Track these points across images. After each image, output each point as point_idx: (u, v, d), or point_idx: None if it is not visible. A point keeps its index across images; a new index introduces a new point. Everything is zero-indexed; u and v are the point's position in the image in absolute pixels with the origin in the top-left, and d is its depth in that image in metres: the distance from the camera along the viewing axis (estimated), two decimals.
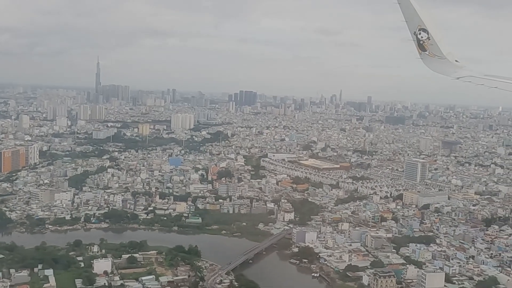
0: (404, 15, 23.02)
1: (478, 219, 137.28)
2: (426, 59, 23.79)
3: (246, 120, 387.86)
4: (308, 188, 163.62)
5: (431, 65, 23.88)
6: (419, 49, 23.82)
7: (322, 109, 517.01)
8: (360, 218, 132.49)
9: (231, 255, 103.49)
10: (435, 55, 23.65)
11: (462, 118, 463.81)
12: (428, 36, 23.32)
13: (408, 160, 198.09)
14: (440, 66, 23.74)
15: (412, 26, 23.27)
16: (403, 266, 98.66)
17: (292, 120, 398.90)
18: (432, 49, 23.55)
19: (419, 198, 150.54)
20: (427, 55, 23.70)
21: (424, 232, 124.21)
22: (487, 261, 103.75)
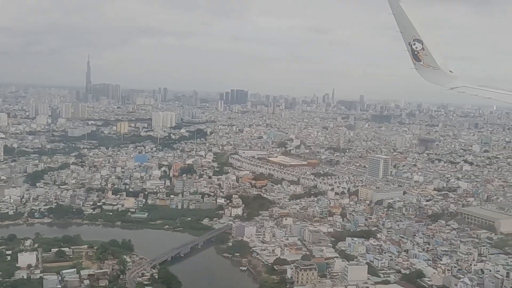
0: (399, 26, 23.30)
1: (427, 214, 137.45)
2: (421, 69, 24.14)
3: (231, 119, 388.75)
4: (267, 184, 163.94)
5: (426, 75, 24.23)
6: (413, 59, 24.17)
7: (312, 108, 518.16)
8: (308, 213, 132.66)
9: (165, 249, 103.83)
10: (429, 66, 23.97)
11: (451, 116, 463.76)
12: (423, 47, 23.61)
13: (371, 157, 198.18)
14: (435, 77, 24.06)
15: (406, 36, 23.55)
16: (332, 260, 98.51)
17: (277, 119, 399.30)
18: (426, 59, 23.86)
19: (373, 193, 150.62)
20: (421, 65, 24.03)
21: (369, 226, 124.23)
22: (419, 254, 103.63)
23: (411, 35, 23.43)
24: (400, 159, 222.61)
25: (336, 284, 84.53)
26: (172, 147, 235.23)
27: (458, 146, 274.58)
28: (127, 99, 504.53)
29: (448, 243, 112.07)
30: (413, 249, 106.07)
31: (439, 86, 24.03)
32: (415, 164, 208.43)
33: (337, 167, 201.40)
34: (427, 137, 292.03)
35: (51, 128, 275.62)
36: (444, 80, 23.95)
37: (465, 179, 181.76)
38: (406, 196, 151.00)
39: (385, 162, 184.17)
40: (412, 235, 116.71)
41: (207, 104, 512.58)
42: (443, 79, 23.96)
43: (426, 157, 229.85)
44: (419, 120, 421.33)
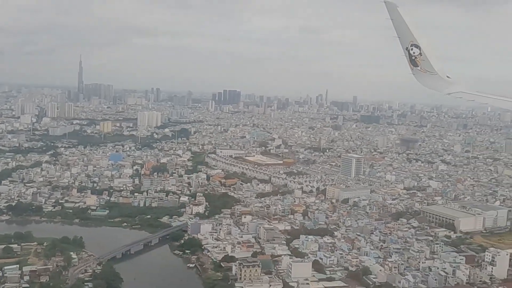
0: (397, 31, 23.38)
1: (390, 212, 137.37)
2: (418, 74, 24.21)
3: (220, 119, 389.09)
4: (236, 182, 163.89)
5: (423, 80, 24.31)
6: (411, 64, 24.24)
7: (305, 108, 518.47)
8: (270, 211, 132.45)
9: (117, 246, 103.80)
10: (426, 71, 24.03)
11: (442, 118, 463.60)
12: (420, 52, 23.69)
13: (344, 156, 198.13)
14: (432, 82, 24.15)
15: (404, 41, 23.64)
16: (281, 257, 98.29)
17: (266, 119, 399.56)
18: (424, 65, 23.95)
19: (340, 192, 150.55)
20: (419, 70, 24.10)
21: (328, 225, 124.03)
22: (371, 252, 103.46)
23: (408, 40, 23.57)
24: (378, 159, 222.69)
25: (274, 280, 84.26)
26: (151, 146, 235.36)
27: (441, 146, 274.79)
28: (119, 99, 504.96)
29: (403, 241, 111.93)
30: (365, 247, 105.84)
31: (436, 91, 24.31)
32: (391, 164, 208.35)
33: (312, 166, 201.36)
34: (409, 137, 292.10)
35: (34, 127, 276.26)
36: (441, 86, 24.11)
37: (437, 178, 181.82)
38: (373, 195, 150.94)
39: (358, 162, 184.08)
40: (369, 233, 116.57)
41: (199, 105, 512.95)
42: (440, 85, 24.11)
43: (405, 157, 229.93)
44: (410, 121, 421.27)
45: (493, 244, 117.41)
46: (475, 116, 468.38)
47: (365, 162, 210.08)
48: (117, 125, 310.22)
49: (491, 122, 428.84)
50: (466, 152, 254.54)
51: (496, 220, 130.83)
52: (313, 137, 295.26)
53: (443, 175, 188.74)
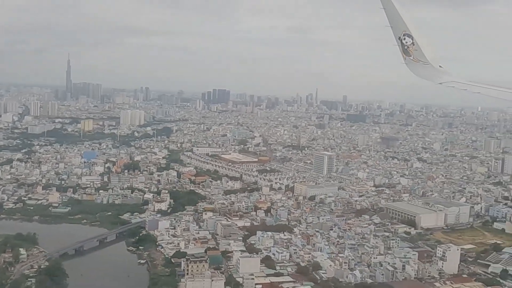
0: (389, 20, 23.16)
1: (355, 209, 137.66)
2: (411, 64, 24.02)
3: (206, 117, 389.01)
4: (206, 180, 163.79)
5: (415, 70, 24.08)
6: (403, 54, 24.03)
7: (294, 107, 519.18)
8: (233, 208, 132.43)
9: (71, 242, 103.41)
10: (419, 60, 23.83)
11: (430, 116, 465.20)
12: (413, 42, 23.48)
13: (316, 153, 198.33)
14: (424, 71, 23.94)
15: (397, 31, 23.41)
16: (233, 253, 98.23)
17: (253, 118, 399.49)
18: (416, 54, 23.74)
19: (307, 189, 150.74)
20: (411, 60, 23.91)
21: (290, 221, 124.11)
22: (325, 248, 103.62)
23: (401, 30, 23.34)
24: (355, 156, 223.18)
25: (216, 275, 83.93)
26: (129, 145, 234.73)
27: (421, 144, 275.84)
28: (108, 98, 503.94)
29: (360, 237, 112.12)
30: (320, 243, 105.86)
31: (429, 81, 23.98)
32: (366, 162, 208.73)
33: (287, 164, 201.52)
34: (390, 136, 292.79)
35: (15, 125, 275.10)
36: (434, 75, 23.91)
37: (410, 176, 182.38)
38: (340, 192, 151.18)
39: (330, 159, 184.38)
40: (328, 229, 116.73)
41: (188, 104, 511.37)
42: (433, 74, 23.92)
43: (382, 155, 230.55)
44: (397, 120, 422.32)
45: (451, 240, 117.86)
46: (463, 115, 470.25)
47: (340, 160, 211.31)
48: (99, 123, 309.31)
49: (478, 121, 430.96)
50: (445, 150, 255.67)
51: (458, 216, 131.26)
52: (295, 135, 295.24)
53: (416, 173, 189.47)
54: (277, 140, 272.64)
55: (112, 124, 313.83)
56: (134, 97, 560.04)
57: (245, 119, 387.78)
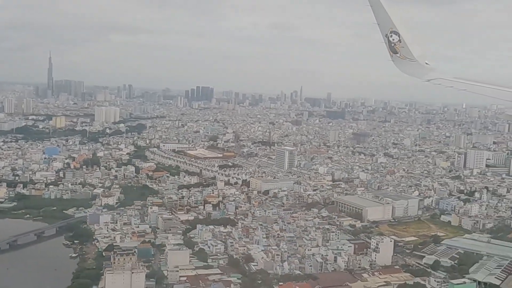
0: (376, 17, 23.13)
1: (306, 202, 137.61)
2: (397, 61, 23.95)
3: (184, 115, 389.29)
4: (163, 175, 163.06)
5: (402, 67, 23.99)
6: (390, 51, 23.99)
7: (277, 105, 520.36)
8: (182, 202, 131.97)
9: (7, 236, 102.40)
10: (406, 58, 23.75)
11: (412, 113, 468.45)
12: (400, 39, 23.39)
13: (278, 148, 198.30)
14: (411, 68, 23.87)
15: (383, 28, 23.39)
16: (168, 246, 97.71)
17: (233, 115, 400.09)
18: (403, 51, 23.68)
19: (262, 184, 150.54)
20: (398, 57, 23.85)
21: (237, 214, 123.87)
22: (262, 241, 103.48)
23: (388, 27, 23.28)
24: (322, 152, 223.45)
25: (136, 267, 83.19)
26: (97, 141, 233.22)
27: (394, 140, 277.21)
28: (90, 96, 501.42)
29: (302, 230, 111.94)
30: (259, 236, 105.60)
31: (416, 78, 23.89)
32: (331, 157, 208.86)
33: (251, 159, 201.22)
34: (362, 131, 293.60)
35: None
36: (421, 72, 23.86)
37: (372, 170, 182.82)
38: (295, 186, 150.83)
39: (291, 154, 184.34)
40: (272, 222, 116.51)
41: (171, 101, 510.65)
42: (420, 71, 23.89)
43: (350, 150, 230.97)
44: (377, 117, 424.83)
45: (395, 233, 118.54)
46: (445, 112, 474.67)
47: (306, 155, 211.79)
48: (73, 120, 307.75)
49: (458, 117, 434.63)
50: (416, 146, 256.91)
51: (407, 209, 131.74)
52: (269, 131, 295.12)
53: (379, 167, 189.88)
54: (249, 136, 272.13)
55: (86, 121, 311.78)
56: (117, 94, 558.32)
57: (224, 116, 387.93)
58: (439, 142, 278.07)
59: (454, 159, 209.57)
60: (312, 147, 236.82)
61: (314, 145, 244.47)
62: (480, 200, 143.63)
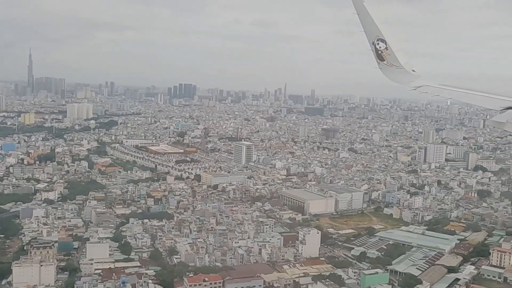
0: (363, 25, 23.27)
1: (253, 196, 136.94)
2: (384, 68, 24.17)
3: (161, 111, 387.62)
4: (116, 170, 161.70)
5: (389, 74, 24.24)
6: (377, 58, 24.18)
7: (259, 102, 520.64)
8: (125, 197, 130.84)
9: None
10: (393, 65, 23.97)
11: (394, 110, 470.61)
12: (386, 46, 23.60)
13: (236, 143, 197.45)
14: (398, 76, 24.04)
15: (370, 36, 23.58)
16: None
17: (210, 112, 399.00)
18: (390, 59, 23.88)
19: (212, 178, 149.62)
20: (385, 64, 24.04)
21: (178, 208, 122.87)
22: (192, 234, 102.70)
23: (375, 35, 23.54)
24: (286, 147, 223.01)
25: (46, 260, 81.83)
26: (62, 137, 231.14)
27: (364, 135, 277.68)
28: (71, 93, 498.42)
29: (238, 223, 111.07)
30: (188, 229, 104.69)
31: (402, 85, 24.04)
32: (293, 152, 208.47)
33: (212, 155, 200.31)
34: (331, 127, 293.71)
35: None
36: (407, 80, 23.98)
37: (331, 165, 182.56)
38: (246, 181, 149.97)
39: (248, 149, 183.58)
40: (210, 216, 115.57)
41: (152, 98, 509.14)
42: (406, 79, 24.02)
43: (316, 146, 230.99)
44: (357, 113, 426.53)
45: (334, 225, 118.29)
46: (427, 109, 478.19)
47: (270, 150, 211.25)
48: (44, 117, 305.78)
49: (438, 114, 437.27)
50: (385, 141, 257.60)
51: (351, 202, 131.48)
52: (237, 128, 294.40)
53: (338, 162, 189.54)
54: (218, 132, 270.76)
55: (58, 118, 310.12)
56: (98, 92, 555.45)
57: (201, 113, 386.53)
58: (410, 137, 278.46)
59: (415, 153, 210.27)
60: (279, 142, 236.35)
61: (282, 141, 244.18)
62: (428, 194, 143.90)
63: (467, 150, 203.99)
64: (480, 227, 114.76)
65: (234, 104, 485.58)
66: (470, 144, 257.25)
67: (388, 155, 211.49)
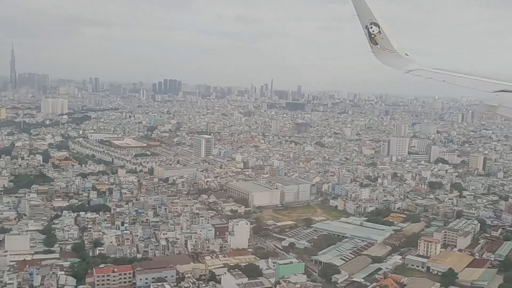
0: (356, 9, 23.13)
1: (202, 188, 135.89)
2: (377, 52, 24.08)
3: (141, 107, 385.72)
4: (70, 164, 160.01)
5: (382, 58, 24.10)
6: (370, 42, 24.10)
7: (244, 97, 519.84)
8: (70, 189, 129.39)
9: None
10: (386, 49, 23.93)
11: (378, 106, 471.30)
12: (379, 30, 23.49)
13: (196, 137, 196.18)
14: (391, 60, 23.97)
15: (363, 20, 23.41)
16: None
17: (190, 107, 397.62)
18: (383, 42, 23.81)
19: (164, 171, 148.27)
20: (378, 48, 23.96)
21: (120, 201, 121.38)
22: (124, 225, 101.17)
23: (368, 19, 23.28)
24: (254, 141, 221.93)
25: None
26: (28, 132, 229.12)
27: (337, 130, 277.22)
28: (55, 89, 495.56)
29: (175, 215, 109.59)
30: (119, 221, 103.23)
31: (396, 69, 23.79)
32: (257, 146, 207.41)
33: (174, 148, 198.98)
34: (303, 122, 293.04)
35: None
36: (400, 63, 23.82)
37: (292, 158, 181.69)
38: (198, 173, 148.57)
39: (207, 142, 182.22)
40: (149, 208, 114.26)
41: (136, 94, 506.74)
42: (399, 62, 23.88)
43: (283, 140, 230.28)
44: (340, 108, 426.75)
45: (276, 217, 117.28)
46: (411, 104, 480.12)
47: (237, 144, 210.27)
48: (17, 112, 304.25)
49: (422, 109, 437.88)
50: (356, 135, 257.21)
51: (298, 194, 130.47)
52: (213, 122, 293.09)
53: (300, 155, 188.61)
54: (190, 127, 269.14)
55: (32, 113, 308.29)
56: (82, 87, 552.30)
57: (181, 108, 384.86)
58: (383, 131, 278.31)
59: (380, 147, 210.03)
60: (247, 136, 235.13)
61: (252, 135, 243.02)
62: (380, 186, 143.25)
63: (429, 143, 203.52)
64: (419, 218, 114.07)
65: (218, 100, 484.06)
66: (441, 137, 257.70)
67: (353, 148, 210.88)
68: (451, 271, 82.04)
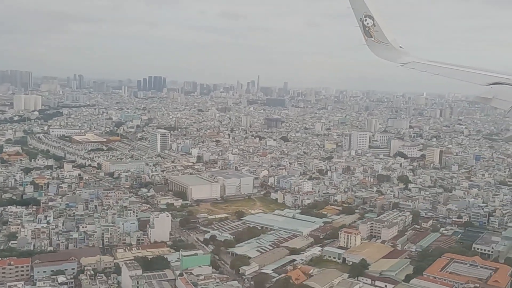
0: (350, 1, 23.00)
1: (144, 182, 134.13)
2: (372, 45, 23.91)
3: (119, 103, 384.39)
4: (18, 159, 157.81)
5: (377, 51, 23.93)
6: (365, 35, 23.93)
7: (229, 94, 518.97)
8: (6, 184, 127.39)
9: None
10: (380, 42, 23.81)
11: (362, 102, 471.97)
12: (374, 23, 23.37)
13: (152, 131, 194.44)
14: (385, 52, 23.85)
15: (358, 12, 23.29)
16: None
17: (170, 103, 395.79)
18: (377, 35, 23.69)
19: (110, 165, 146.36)
20: (372, 41, 23.81)
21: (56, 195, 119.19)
22: (47, 219, 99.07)
23: (362, 11, 23.16)
24: (218, 136, 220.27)
25: None
26: None
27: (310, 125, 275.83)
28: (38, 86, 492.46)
29: (105, 209, 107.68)
30: (42, 215, 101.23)
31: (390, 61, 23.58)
32: (219, 140, 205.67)
33: (133, 143, 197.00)
34: (274, 117, 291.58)
35: None
36: (395, 56, 23.65)
37: (248, 153, 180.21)
38: (145, 168, 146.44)
39: (163, 137, 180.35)
40: (82, 202, 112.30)
41: (120, 91, 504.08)
42: (394, 55, 23.71)
43: (250, 135, 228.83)
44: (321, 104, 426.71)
45: (212, 210, 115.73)
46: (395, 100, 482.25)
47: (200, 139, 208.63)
48: None
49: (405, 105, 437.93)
50: (326, 130, 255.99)
51: (239, 187, 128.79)
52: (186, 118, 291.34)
53: (259, 150, 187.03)
54: (160, 122, 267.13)
55: (4, 109, 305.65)
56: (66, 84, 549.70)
57: (159, 104, 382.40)
58: (356, 126, 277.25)
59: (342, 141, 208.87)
60: (212, 131, 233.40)
61: (218, 130, 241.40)
62: (328, 179, 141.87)
63: (390, 137, 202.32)
64: (354, 211, 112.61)
65: (201, 97, 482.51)
66: (411, 132, 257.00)
67: (316, 143, 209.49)
68: (364, 261, 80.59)
